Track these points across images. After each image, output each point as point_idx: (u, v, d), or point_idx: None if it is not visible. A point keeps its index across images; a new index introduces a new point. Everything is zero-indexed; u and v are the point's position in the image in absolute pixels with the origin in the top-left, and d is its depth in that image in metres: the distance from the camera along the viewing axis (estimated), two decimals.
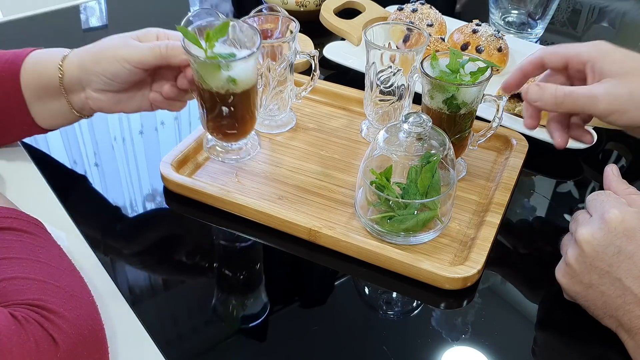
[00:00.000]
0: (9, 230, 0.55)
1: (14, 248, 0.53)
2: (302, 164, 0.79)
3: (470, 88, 0.69)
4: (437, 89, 0.71)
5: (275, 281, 0.67)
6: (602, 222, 0.57)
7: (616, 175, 0.63)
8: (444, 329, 0.62)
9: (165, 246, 0.71)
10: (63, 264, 0.55)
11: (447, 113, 0.71)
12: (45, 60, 0.70)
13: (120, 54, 0.67)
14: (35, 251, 0.54)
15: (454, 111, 0.71)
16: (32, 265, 0.52)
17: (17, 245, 0.53)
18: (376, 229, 0.68)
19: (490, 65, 0.70)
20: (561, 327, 0.63)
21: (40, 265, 0.52)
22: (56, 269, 0.53)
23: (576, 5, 1.27)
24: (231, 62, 0.63)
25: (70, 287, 0.52)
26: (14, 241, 0.54)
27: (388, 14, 1.06)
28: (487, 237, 0.68)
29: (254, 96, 0.68)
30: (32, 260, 0.52)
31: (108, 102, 0.70)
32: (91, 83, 0.69)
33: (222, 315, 0.64)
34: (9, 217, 0.56)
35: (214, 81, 0.64)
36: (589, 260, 0.57)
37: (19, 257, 0.52)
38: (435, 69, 0.72)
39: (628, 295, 0.55)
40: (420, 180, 0.65)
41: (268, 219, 0.70)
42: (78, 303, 0.51)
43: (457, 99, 0.70)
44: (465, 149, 0.76)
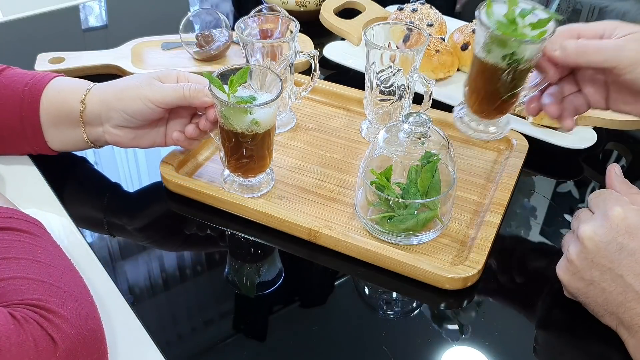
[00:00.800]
0: (8, 230, 0.55)
1: (13, 248, 0.53)
2: (302, 164, 0.79)
3: (533, 44, 0.65)
4: (495, 42, 0.67)
5: (275, 281, 0.67)
6: (604, 219, 0.57)
7: (619, 175, 0.63)
8: (444, 329, 0.62)
9: (165, 246, 0.71)
10: (63, 264, 0.55)
11: (504, 68, 0.68)
12: (68, 90, 0.72)
13: (143, 93, 0.69)
14: (34, 251, 0.54)
15: (514, 66, 0.67)
16: (31, 266, 0.52)
17: (17, 246, 0.54)
18: (376, 229, 0.68)
19: (553, 18, 0.66)
20: (561, 326, 0.63)
21: (39, 265, 0.52)
22: (56, 269, 0.53)
23: (576, 5, 1.27)
24: (258, 107, 0.66)
25: (69, 287, 0.52)
26: (14, 241, 0.54)
27: (388, 14, 1.06)
28: (487, 237, 0.68)
29: (273, 134, 0.71)
30: (31, 261, 0.53)
31: (125, 137, 0.72)
32: (111, 119, 0.71)
33: (222, 315, 0.64)
34: (8, 217, 0.56)
35: (239, 123, 0.67)
36: (591, 257, 0.57)
37: (18, 257, 0.52)
38: (491, 18, 0.68)
39: (629, 293, 0.55)
40: (420, 180, 0.65)
41: (268, 219, 0.70)
42: (77, 303, 0.51)
43: (517, 55, 0.66)
44: (515, 104, 0.73)
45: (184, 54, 1.00)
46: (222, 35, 0.99)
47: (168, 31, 1.04)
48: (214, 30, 1.00)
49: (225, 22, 0.99)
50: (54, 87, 0.72)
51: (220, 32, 0.99)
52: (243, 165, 0.71)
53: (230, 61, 1.00)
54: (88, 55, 0.98)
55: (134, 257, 0.69)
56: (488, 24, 0.67)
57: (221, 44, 0.99)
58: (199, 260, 0.70)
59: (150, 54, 1.01)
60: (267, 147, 0.71)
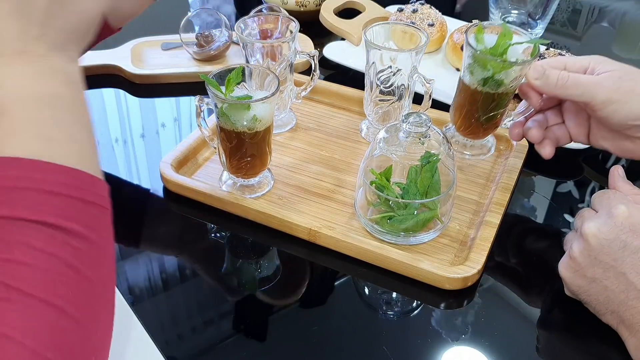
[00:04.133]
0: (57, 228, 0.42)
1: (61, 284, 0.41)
2: (302, 164, 0.79)
3: (513, 68, 0.67)
4: (478, 63, 0.68)
5: (275, 281, 0.67)
6: (609, 217, 0.57)
7: (622, 175, 0.64)
8: (444, 329, 0.62)
9: (164, 246, 0.71)
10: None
11: (485, 91, 0.70)
12: None
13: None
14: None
15: (493, 90, 0.69)
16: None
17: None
18: (376, 229, 0.68)
19: (537, 43, 0.68)
20: (561, 326, 0.63)
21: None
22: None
23: (576, 5, 1.27)
24: (258, 102, 0.66)
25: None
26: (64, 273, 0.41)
27: (388, 14, 1.06)
28: (487, 237, 0.68)
29: (272, 130, 0.72)
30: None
31: None
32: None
33: (222, 315, 0.64)
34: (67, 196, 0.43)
35: (240, 121, 0.67)
36: (594, 254, 0.57)
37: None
38: (480, 43, 0.70)
39: (632, 291, 0.55)
40: (420, 180, 0.65)
41: (268, 219, 0.70)
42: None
43: (498, 78, 0.69)
44: (498, 126, 0.75)
45: (183, 54, 1.00)
46: (222, 36, 0.99)
47: (168, 31, 1.04)
48: (213, 31, 1.00)
49: (225, 22, 0.99)
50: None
51: (220, 32, 0.99)
52: (245, 165, 0.71)
53: (230, 61, 1.00)
54: (88, 55, 0.97)
55: (133, 257, 0.69)
56: (474, 45, 0.69)
57: (221, 44, 0.99)
58: (199, 260, 0.70)
59: (150, 54, 1.01)
60: (267, 144, 0.71)
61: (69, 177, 0.44)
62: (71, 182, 0.44)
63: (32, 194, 0.42)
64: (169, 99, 0.96)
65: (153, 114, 0.94)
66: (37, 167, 0.43)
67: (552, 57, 0.79)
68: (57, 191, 0.43)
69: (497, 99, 0.71)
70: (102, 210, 0.46)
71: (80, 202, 0.44)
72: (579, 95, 0.66)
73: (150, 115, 0.93)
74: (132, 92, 0.95)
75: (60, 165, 0.44)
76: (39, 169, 0.43)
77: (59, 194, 0.43)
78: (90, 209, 0.45)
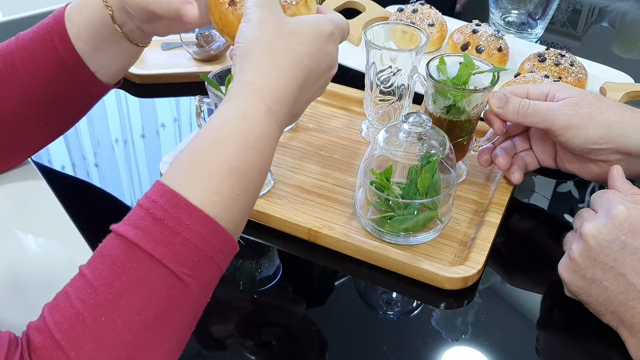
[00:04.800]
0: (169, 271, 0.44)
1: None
2: (302, 164, 0.79)
3: (474, 96, 0.70)
4: (439, 93, 0.71)
5: (275, 281, 0.67)
6: (608, 218, 0.57)
7: (621, 175, 0.64)
8: (444, 329, 0.62)
9: None
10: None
11: (448, 118, 0.72)
12: (88, 5, 0.64)
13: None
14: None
15: (455, 117, 0.71)
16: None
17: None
18: (376, 229, 0.68)
19: (497, 71, 0.70)
20: (561, 326, 0.63)
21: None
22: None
23: (576, 5, 1.27)
24: None
25: None
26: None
27: (388, 14, 1.06)
28: (487, 237, 0.68)
29: None
30: None
31: (161, 24, 0.65)
32: (135, 15, 0.63)
33: (222, 315, 0.64)
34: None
35: None
36: (594, 255, 0.57)
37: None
38: (442, 74, 0.72)
39: (631, 292, 0.55)
40: (420, 180, 0.65)
41: (268, 219, 0.70)
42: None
43: (459, 106, 0.71)
44: (467, 152, 0.76)
45: (183, 54, 1.00)
46: None
47: None
48: (213, 30, 1.00)
49: None
50: (73, 11, 0.65)
51: None
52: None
53: (230, 61, 1.00)
54: None
55: None
56: (435, 75, 0.71)
57: (221, 44, 0.99)
58: None
59: (150, 54, 1.01)
60: None
61: (222, 244, 0.46)
62: (218, 246, 0.46)
63: (186, 246, 0.44)
64: (169, 99, 0.96)
65: (153, 114, 0.94)
66: (207, 226, 0.45)
67: (515, 85, 0.81)
68: (207, 253, 0.45)
69: (461, 125, 0.72)
70: (220, 275, 0.48)
71: (212, 263, 0.46)
72: (539, 122, 0.69)
73: (150, 115, 0.93)
74: (132, 92, 0.95)
75: (222, 227, 0.46)
76: (209, 227, 0.45)
77: (203, 252, 0.45)
78: (215, 271, 0.47)
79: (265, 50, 0.51)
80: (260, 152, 0.49)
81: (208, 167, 0.46)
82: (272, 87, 0.50)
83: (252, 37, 0.52)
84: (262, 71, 0.51)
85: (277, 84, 0.51)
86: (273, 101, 0.50)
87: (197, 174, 0.46)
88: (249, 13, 0.53)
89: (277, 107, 0.50)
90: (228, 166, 0.47)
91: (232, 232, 0.47)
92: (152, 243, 0.43)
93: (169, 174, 0.47)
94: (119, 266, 0.43)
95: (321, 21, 0.55)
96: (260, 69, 0.51)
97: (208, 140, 0.48)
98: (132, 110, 0.94)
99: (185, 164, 0.48)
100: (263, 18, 0.52)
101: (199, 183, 0.46)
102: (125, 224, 0.45)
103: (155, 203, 0.45)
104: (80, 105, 0.70)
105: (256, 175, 0.49)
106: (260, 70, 0.51)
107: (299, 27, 0.53)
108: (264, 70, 0.51)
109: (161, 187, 0.46)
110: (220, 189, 0.46)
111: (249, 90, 0.50)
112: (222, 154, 0.47)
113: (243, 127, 0.48)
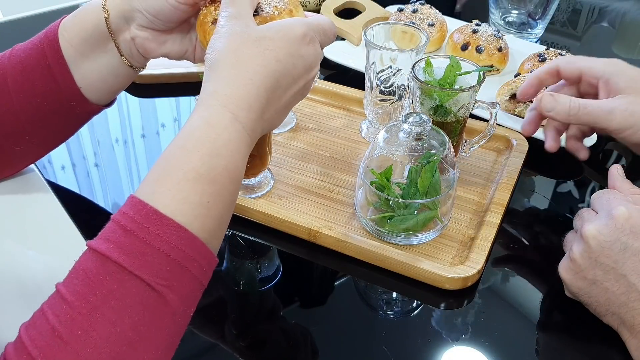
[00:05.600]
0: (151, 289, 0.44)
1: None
2: (302, 164, 0.79)
3: (460, 95, 0.70)
4: (426, 94, 0.71)
5: (275, 281, 0.67)
6: (609, 219, 0.57)
7: (621, 175, 0.64)
8: (444, 329, 0.62)
9: None
10: None
11: (436, 119, 0.72)
12: (85, 10, 0.64)
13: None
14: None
15: (442, 119, 0.72)
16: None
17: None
18: (376, 229, 0.68)
19: (482, 71, 0.71)
20: (561, 326, 0.63)
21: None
22: None
23: (576, 5, 1.27)
24: None
25: None
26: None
27: (388, 14, 1.06)
28: (487, 237, 0.68)
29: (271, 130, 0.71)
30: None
31: (154, 40, 0.64)
32: (136, 18, 0.63)
33: (222, 315, 0.64)
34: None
35: None
36: (595, 256, 0.57)
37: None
38: (429, 76, 0.73)
39: (632, 293, 0.55)
40: (420, 180, 0.65)
41: (268, 219, 0.70)
42: None
43: (446, 107, 0.71)
44: (457, 155, 0.76)
45: None
46: None
47: None
48: None
49: None
50: (67, 20, 0.64)
51: None
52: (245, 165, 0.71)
53: None
54: None
55: None
56: (421, 76, 0.72)
57: None
58: None
59: None
60: (267, 144, 0.71)
61: (196, 252, 0.46)
62: (191, 254, 0.46)
63: (157, 255, 0.44)
64: (169, 99, 0.96)
65: (153, 114, 0.94)
66: (178, 234, 0.45)
67: (564, 57, 0.80)
68: (179, 262, 0.45)
69: (449, 127, 0.73)
70: (200, 288, 0.47)
71: (187, 273, 0.45)
72: (593, 124, 0.69)
73: (150, 115, 0.93)
74: (132, 92, 0.95)
75: (194, 235, 0.46)
76: (179, 236, 0.45)
77: (175, 261, 0.45)
78: (191, 282, 0.46)
79: (230, 59, 0.51)
80: (228, 158, 0.49)
81: (176, 175, 0.47)
82: (235, 95, 0.50)
83: (218, 47, 0.52)
84: (226, 80, 0.51)
85: (241, 91, 0.51)
86: (238, 108, 0.50)
87: (165, 183, 0.46)
88: (220, 26, 0.53)
89: (244, 114, 0.50)
90: (196, 173, 0.47)
91: (206, 241, 0.46)
92: (123, 255, 0.43)
93: (140, 186, 0.47)
94: (92, 280, 0.43)
95: (292, 24, 0.54)
96: (223, 77, 0.51)
97: (175, 150, 0.48)
98: (132, 110, 0.94)
99: (154, 174, 0.48)
100: (231, 28, 0.52)
101: (168, 192, 0.46)
102: (99, 238, 0.45)
103: (125, 215, 0.45)
104: (66, 122, 0.68)
105: (226, 182, 0.49)
106: (223, 79, 0.51)
107: (267, 32, 0.53)
108: (227, 79, 0.51)
109: (132, 200, 0.46)
110: (190, 197, 0.46)
111: (213, 99, 0.50)
112: (189, 162, 0.47)
113: (209, 134, 0.48)
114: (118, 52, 0.65)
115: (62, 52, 0.63)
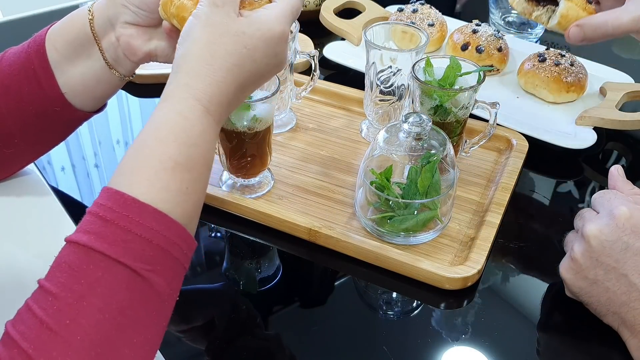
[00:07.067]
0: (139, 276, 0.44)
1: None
2: (302, 164, 0.79)
3: (460, 96, 0.70)
4: (426, 94, 0.71)
5: (275, 281, 0.67)
6: (610, 218, 0.57)
7: (621, 175, 0.64)
8: (444, 329, 0.62)
9: None
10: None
11: (435, 120, 0.72)
12: (72, 14, 0.65)
13: None
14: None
15: (442, 119, 0.72)
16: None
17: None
18: (376, 229, 0.68)
19: (482, 71, 0.71)
20: (561, 326, 0.63)
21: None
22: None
23: None
24: (259, 102, 0.67)
25: None
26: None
27: (388, 14, 1.06)
28: (487, 237, 0.68)
29: (272, 130, 0.72)
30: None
31: (138, 38, 0.63)
32: (120, 15, 0.63)
33: (222, 315, 0.64)
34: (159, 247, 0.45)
35: (240, 122, 0.67)
36: (596, 256, 0.57)
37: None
38: (429, 76, 0.73)
39: (633, 292, 0.55)
40: (420, 180, 0.65)
41: (268, 219, 0.70)
42: None
43: (446, 107, 0.71)
44: (457, 155, 0.76)
45: None
46: None
47: None
48: None
49: None
50: (56, 24, 0.65)
51: None
52: (245, 165, 0.71)
53: None
54: None
55: None
56: (419, 76, 0.72)
57: None
58: (198, 261, 0.70)
59: None
60: (267, 144, 0.71)
61: (177, 237, 0.46)
62: (173, 239, 0.46)
63: (139, 242, 0.44)
64: None
65: None
66: (158, 220, 0.45)
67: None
68: (162, 247, 0.45)
69: (450, 127, 0.73)
70: (182, 271, 0.48)
71: (169, 257, 0.46)
72: (623, 34, 0.71)
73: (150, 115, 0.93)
74: (132, 92, 0.95)
75: (174, 220, 0.46)
76: (160, 221, 0.45)
77: (158, 246, 0.45)
78: (174, 265, 0.47)
79: (204, 54, 0.51)
80: (203, 147, 0.50)
81: (153, 165, 0.47)
82: (208, 91, 0.51)
83: (195, 36, 0.51)
84: (199, 75, 0.51)
85: (214, 88, 0.51)
86: (210, 103, 0.50)
87: (142, 173, 0.47)
88: (200, 9, 0.52)
89: (215, 108, 0.51)
90: (174, 162, 0.47)
91: (185, 225, 0.47)
92: (105, 244, 0.43)
93: (113, 178, 0.47)
94: (76, 270, 0.43)
95: (273, 22, 0.54)
96: (197, 71, 0.51)
97: (149, 140, 0.48)
98: (132, 111, 0.94)
99: (128, 165, 0.48)
100: (210, 17, 0.52)
101: (146, 181, 0.46)
102: (77, 232, 0.45)
103: (103, 206, 0.45)
104: (54, 127, 0.67)
105: (203, 170, 0.50)
106: (197, 74, 0.51)
107: (247, 29, 0.52)
108: (200, 75, 0.51)
109: (108, 191, 0.46)
110: (170, 185, 0.47)
111: (185, 92, 0.50)
112: (165, 151, 0.47)
113: (183, 125, 0.49)
114: (102, 57, 0.64)
115: (47, 55, 0.63)
